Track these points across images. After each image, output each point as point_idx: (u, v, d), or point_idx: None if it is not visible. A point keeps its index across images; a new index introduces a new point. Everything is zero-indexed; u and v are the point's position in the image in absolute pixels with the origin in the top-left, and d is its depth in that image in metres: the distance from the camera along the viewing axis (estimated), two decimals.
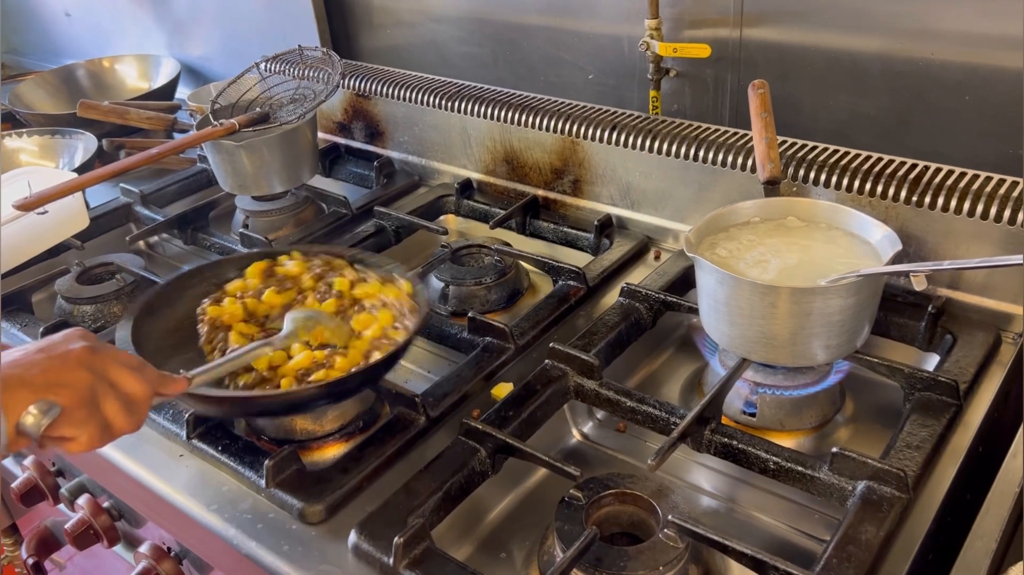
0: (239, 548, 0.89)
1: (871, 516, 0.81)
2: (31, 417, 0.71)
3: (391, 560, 0.81)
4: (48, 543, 1.37)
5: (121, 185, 1.61)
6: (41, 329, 1.20)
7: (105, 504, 1.19)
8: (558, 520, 0.85)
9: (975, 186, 1.05)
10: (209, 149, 1.45)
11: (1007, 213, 1.02)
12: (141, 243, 1.56)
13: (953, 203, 1.05)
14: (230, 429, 1.02)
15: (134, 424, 0.78)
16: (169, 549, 1.12)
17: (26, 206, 1.24)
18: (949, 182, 1.06)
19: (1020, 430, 0.90)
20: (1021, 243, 1.01)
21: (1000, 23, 1.12)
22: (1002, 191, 1.03)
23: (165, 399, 0.85)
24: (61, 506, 1.27)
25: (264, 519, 0.91)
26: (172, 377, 0.84)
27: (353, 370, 0.95)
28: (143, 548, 1.12)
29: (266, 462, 0.92)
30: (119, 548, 1.24)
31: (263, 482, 0.92)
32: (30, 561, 1.36)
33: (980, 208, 1.03)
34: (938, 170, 1.09)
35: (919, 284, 0.85)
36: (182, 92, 2.09)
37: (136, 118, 1.77)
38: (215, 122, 1.42)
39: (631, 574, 0.79)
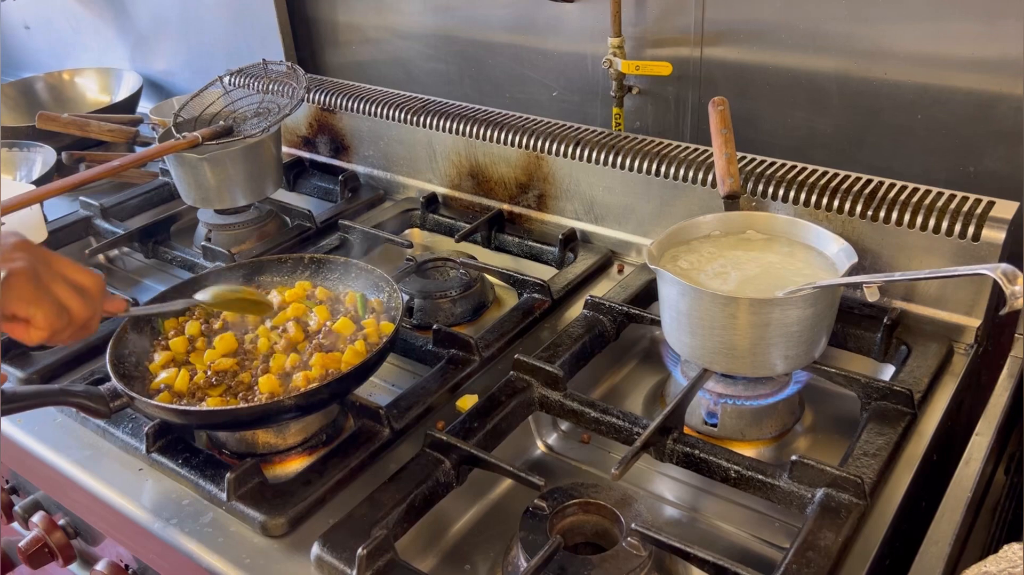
0: (200, 562, 0.88)
1: (830, 522, 0.83)
2: None
3: (354, 572, 0.80)
4: (2, 565, 1.34)
5: (80, 198, 1.59)
6: None
7: (61, 522, 1.16)
8: (522, 530, 0.85)
9: (927, 201, 1.08)
10: (172, 162, 1.44)
11: (957, 227, 1.05)
12: (100, 256, 1.54)
13: (907, 217, 1.08)
14: (191, 442, 1.01)
15: (90, 310, 0.78)
16: (127, 566, 1.10)
17: None
18: (902, 197, 1.09)
19: (972, 438, 0.93)
20: (971, 256, 1.04)
21: (950, 45, 1.16)
22: (952, 206, 1.06)
23: (107, 315, 0.87)
24: (15, 524, 1.24)
25: (225, 533, 0.90)
26: (115, 295, 0.86)
27: (324, 381, 0.95)
28: (100, 566, 1.10)
29: (228, 475, 0.91)
30: (75, 567, 1.21)
31: (224, 495, 0.91)
32: None
33: (932, 222, 1.06)
34: (892, 185, 1.11)
35: (872, 295, 0.88)
36: (144, 107, 2.07)
37: (97, 130, 1.75)
38: (178, 135, 1.41)
39: None
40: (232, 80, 1.60)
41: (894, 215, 1.09)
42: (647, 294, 1.21)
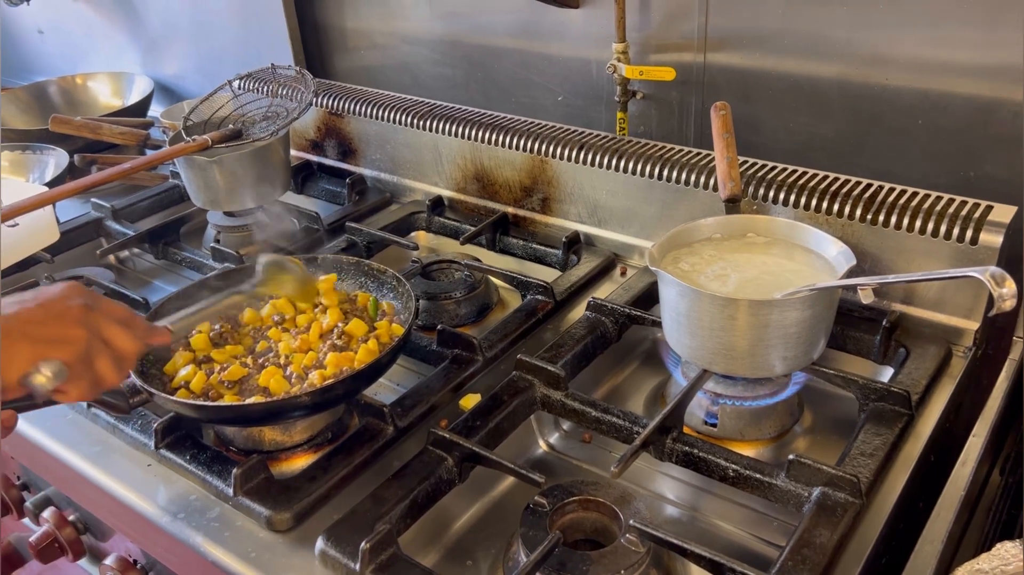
0: (206, 556, 0.89)
1: (826, 520, 0.84)
2: (43, 377, 0.73)
3: (358, 565, 0.82)
4: (12, 560, 1.35)
5: (92, 200, 1.62)
6: None
7: (71, 517, 1.18)
8: (523, 526, 0.86)
9: (926, 205, 1.09)
10: (182, 164, 1.46)
11: (956, 231, 1.06)
12: (111, 257, 1.56)
13: (906, 221, 1.09)
14: (198, 439, 1.03)
15: (121, 378, 0.83)
16: (135, 561, 1.12)
17: None
18: (902, 201, 1.10)
19: (969, 439, 0.94)
20: (969, 259, 1.05)
21: (950, 51, 1.17)
22: (951, 210, 1.07)
23: (152, 348, 0.92)
24: (26, 520, 1.26)
25: (232, 527, 0.91)
26: (158, 328, 0.89)
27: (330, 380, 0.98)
28: (109, 561, 1.12)
29: (234, 470, 0.93)
30: (84, 562, 1.23)
31: (231, 491, 0.93)
32: None
33: (931, 226, 1.07)
34: (892, 190, 1.13)
35: (866, 297, 0.89)
36: (155, 110, 2.09)
37: (109, 133, 1.77)
38: (188, 138, 1.43)
39: None
40: (241, 84, 1.62)
41: (893, 219, 1.10)
42: (649, 296, 1.23)
